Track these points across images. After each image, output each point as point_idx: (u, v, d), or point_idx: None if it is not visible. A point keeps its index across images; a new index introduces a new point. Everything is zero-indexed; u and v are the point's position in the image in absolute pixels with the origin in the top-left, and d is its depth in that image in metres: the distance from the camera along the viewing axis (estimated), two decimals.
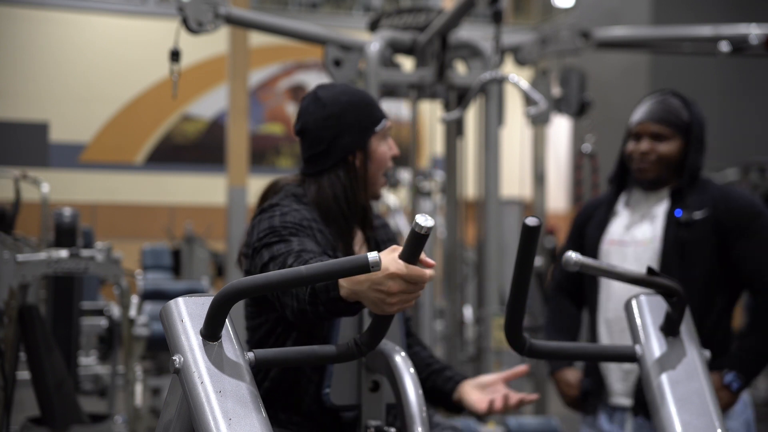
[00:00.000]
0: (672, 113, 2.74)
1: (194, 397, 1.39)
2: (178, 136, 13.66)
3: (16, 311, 3.28)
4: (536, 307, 6.11)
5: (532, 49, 5.12)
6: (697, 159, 2.75)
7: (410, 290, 1.52)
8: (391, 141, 2.15)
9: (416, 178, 5.17)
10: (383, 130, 2.11)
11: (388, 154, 2.12)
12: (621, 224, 2.82)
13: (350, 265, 1.40)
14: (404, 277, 1.50)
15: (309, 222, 1.98)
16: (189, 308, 1.46)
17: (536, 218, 1.42)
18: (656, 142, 2.73)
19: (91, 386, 6.29)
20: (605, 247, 2.82)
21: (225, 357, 1.43)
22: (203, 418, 1.36)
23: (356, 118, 2.08)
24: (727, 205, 2.68)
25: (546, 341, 1.63)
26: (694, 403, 1.53)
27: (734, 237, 2.66)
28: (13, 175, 6.64)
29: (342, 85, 2.15)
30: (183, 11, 4.06)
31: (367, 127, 2.08)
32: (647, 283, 1.60)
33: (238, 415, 1.37)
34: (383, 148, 2.11)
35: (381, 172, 2.12)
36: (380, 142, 2.11)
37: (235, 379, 1.41)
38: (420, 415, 1.64)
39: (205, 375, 1.40)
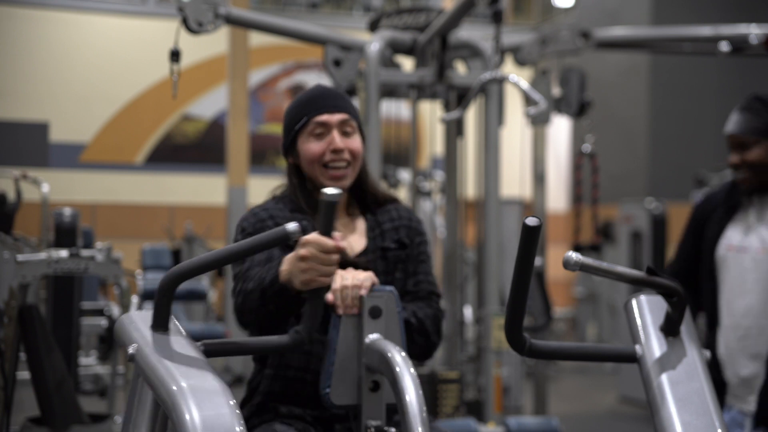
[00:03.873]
0: (752, 120, 2.73)
1: (151, 369, 1.44)
2: (178, 136, 13.66)
3: (16, 311, 3.28)
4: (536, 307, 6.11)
5: (532, 49, 5.12)
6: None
7: (321, 259, 1.73)
8: (331, 136, 2.13)
9: (416, 178, 5.16)
10: (311, 127, 2.13)
11: (316, 150, 2.13)
12: (739, 229, 2.79)
13: (274, 235, 1.53)
14: (313, 242, 1.73)
15: (264, 223, 2.11)
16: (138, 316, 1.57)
17: (536, 218, 1.42)
18: (743, 152, 2.73)
19: (91, 386, 6.29)
20: (722, 252, 2.79)
21: (175, 342, 1.51)
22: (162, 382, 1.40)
23: (287, 121, 2.19)
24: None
25: (546, 341, 1.63)
26: (694, 403, 1.53)
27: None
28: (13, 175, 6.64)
29: (307, 88, 2.25)
30: (183, 11, 4.06)
31: (291, 128, 2.17)
32: (647, 283, 1.59)
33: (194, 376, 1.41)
34: (308, 145, 2.13)
35: (315, 168, 2.14)
36: (307, 140, 2.14)
37: (186, 354, 1.48)
38: (420, 415, 1.64)
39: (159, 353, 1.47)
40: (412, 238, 2.22)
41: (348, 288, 1.89)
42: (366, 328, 1.87)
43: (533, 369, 6.25)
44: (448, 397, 4.04)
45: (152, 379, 1.42)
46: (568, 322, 11.76)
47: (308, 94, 2.19)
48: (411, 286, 2.17)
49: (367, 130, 4.34)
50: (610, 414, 7.10)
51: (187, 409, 1.33)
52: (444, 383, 4.05)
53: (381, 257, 2.15)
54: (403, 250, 2.18)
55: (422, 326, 2.10)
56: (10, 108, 12.77)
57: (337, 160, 2.12)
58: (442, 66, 4.39)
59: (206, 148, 13.53)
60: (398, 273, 2.16)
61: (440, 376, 4.06)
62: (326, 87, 2.22)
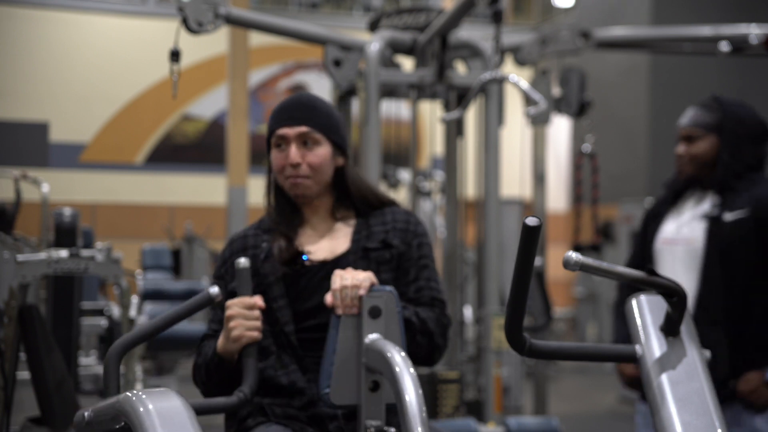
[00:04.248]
0: (702, 115, 2.81)
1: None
2: (178, 136, 13.66)
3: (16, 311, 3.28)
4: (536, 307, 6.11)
5: (532, 49, 5.12)
6: (734, 156, 2.76)
7: (245, 315, 1.98)
8: (289, 149, 2.15)
9: (416, 178, 5.16)
10: (274, 140, 2.18)
11: (277, 163, 2.18)
12: (674, 223, 2.88)
13: (199, 300, 1.80)
14: (236, 303, 1.99)
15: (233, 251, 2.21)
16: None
17: (536, 218, 1.42)
18: (690, 144, 2.82)
19: (91, 386, 6.29)
20: (659, 246, 2.89)
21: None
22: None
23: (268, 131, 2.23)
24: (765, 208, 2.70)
25: (546, 341, 1.63)
26: (694, 403, 1.53)
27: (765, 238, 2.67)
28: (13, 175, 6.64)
29: (292, 95, 2.27)
30: (183, 11, 4.06)
31: (267, 139, 2.23)
32: (647, 283, 1.59)
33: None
34: (274, 156, 2.19)
35: (280, 178, 2.19)
36: (273, 152, 2.19)
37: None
38: (420, 415, 1.64)
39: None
40: (409, 241, 2.18)
41: (347, 288, 1.90)
42: (365, 328, 1.87)
43: (533, 369, 6.25)
44: (448, 397, 4.04)
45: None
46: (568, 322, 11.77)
47: (279, 105, 2.23)
48: (412, 293, 2.14)
49: (367, 130, 4.34)
50: (610, 414, 7.10)
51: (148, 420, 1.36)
52: (444, 383, 4.05)
53: (362, 257, 2.12)
54: (387, 249, 2.15)
55: (425, 326, 2.08)
56: (10, 108, 12.78)
57: (294, 174, 2.16)
58: (442, 66, 4.39)
59: (206, 148, 13.54)
60: (384, 274, 2.11)
61: (440, 376, 4.05)
62: (298, 96, 2.24)
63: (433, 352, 2.13)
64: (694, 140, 2.81)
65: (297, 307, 2.10)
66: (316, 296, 2.08)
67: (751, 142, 2.78)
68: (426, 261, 2.19)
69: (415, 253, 2.18)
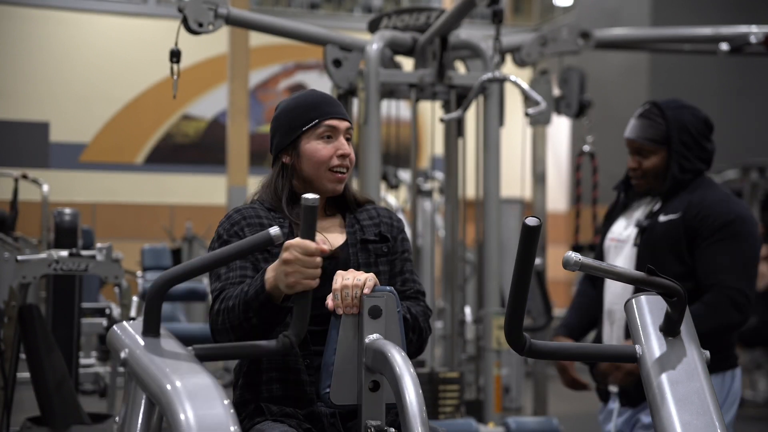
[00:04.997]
0: (650, 127, 2.84)
1: (144, 371, 1.45)
2: (178, 136, 13.66)
3: (16, 311, 3.29)
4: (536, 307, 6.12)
5: (532, 49, 5.11)
6: (682, 164, 2.81)
7: (305, 262, 1.77)
8: (339, 141, 2.18)
9: (416, 178, 5.16)
10: (321, 130, 2.17)
11: (324, 152, 2.16)
12: (623, 223, 2.96)
13: (257, 240, 1.58)
14: (296, 246, 1.77)
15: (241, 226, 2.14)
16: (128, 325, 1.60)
17: (536, 218, 1.42)
18: (641, 158, 2.85)
19: (91, 386, 6.29)
20: (608, 243, 2.98)
21: (166, 345, 1.53)
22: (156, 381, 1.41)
23: (287, 119, 2.20)
24: (699, 211, 2.75)
25: (546, 341, 1.63)
26: (694, 403, 1.53)
27: (699, 241, 2.74)
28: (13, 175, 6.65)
29: (300, 92, 2.27)
30: (183, 11, 4.06)
31: (295, 128, 2.18)
32: (647, 283, 1.60)
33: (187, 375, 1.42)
34: (316, 146, 2.17)
35: (320, 170, 2.17)
36: (314, 141, 2.17)
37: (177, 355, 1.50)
38: (420, 415, 1.64)
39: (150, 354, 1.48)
40: (395, 235, 2.25)
41: (348, 288, 1.90)
42: (366, 328, 1.87)
43: (533, 369, 6.25)
44: (448, 397, 4.05)
45: (145, 380, 1.43)
46: None
47: (312, 97, 2.22)
48: (399, 286, 2.19)
49: (367, 130, 4.34)
50: None
51: (181, 408, 1.33)
52: (444, 383, 4.05)
53: (362, 249, 2.18)
54: (384, 243, 2.21)
55: (416, 323, 2.12)
56: (10, 108, 12.77)
57: (342, 165, 2.18)
58: (442, 66, 4.39)
59: (206, 148, 13.53)
60: (381, 266, 2.18)
61: (440, 376, 4.06)
62: (326, 93, 2.27)
63: (422, 346, 2.17)
64: (645, 154, 2.84)
65: None
66: (321, 288, 2.09)
67: (698, 146, 2.83)
68: (408, 255, 2.27)
69: (399, 247, 2.25)
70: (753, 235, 2.76)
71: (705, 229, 2.73)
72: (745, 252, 2.73)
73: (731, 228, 2.72)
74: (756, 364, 7.36)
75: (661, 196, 2.85)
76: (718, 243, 2.70)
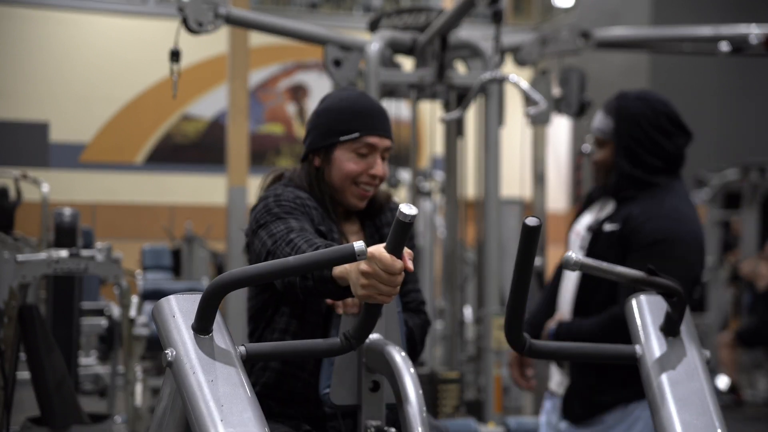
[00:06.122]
0: (603, 119, 2.70)
1: (187, 387, 1.40)
2: (178, 136, 13.66)
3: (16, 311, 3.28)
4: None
5: (532, 49, 5.11)
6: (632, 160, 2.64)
7: (384, 280, 1.56)
8: (374, 159, 2.09)
9: (416, 178, 5.16)
10: (358, 145, 2.08)
11: (355, 169, 2.09)
12: (588, 217, 2.85)
13: (337, 254, 1.44)
14: (378, 260, 1.54)
15: (303, 200, 2.04)
16: (180, 305, 1.48)
17: (536, 218, 1.42)
18: (598, 150, 2.73)
19: (91, 386, 6.29)
20: (572, 236, 2.88)
21: (216, 348, 1.45)
22: (196, 405, 1.37)
23: (327, 121, 2.10)
24: (635, 225, 2.58)
25: (546, 341, 1.63)
26: (694, 403, 1.53)
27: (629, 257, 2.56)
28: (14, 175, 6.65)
29: (350, 90, 2.17)
30: (183, 11, 4.06)
31: (333, 134, 2.09)
32: (647, 283, 1.59)
33: (230, 401, 1.38)
34: (348, 161, 2.09)
35: (345, 183, 2.10)
36: (348, 154, 2.09)
37: (226, 367, 1.43)
38: (420, 415, 1.64)
39: (197, 365, 1.41)
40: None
41: None
42: None
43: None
44: (448, 397, 4.04)
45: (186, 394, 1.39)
46: None
47: (361, 105, 2.11)
48: (401, 297, 2.14)
49: None
50: None
51: None
52: (444, 383, 4.05)
53: None
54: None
55: (411, 336, 2.12)
56: (10, 108, 12.77)
57: (370, 184, 2.12)
58: (442, 66, 4.39)
59: (206, 148, 13.53)
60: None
61: (440, 376, 4.05)
62: (375, 101, 2.16)
63: (415, 358, 2.14)
64: (602, 145, 2.71)
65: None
66: None
67: (650, 141, 2.62)
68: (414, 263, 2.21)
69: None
70: (679, 258, 2.54)
71: (634, 245, 2.56)
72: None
73: (657, 248, 2.53)
74: (756, 364, 7.36)
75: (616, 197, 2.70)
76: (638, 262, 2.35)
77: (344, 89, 2.19)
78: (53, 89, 13.01)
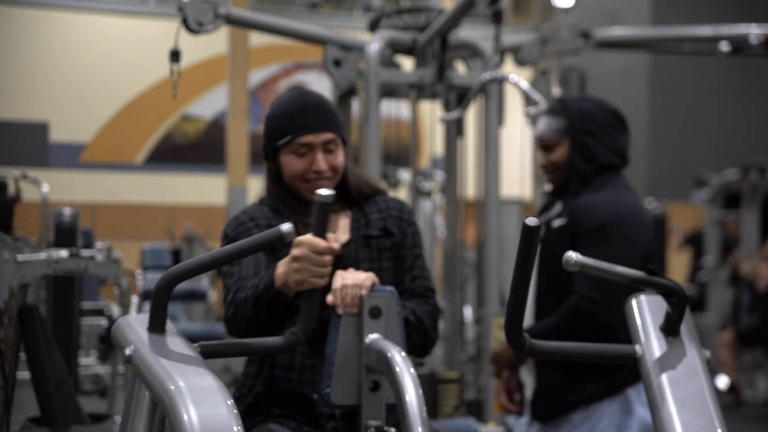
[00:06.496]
0: (553, 121, 2.75)
1: (148, 370, 1.42)
2: (178, 136, 13.66)
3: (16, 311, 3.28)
4: None
5: (532, 49, 5.12)
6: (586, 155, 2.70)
7: (314, 260, 1.74)
8: (314, 156, 2.11)
9: (416, 178, 5.16)
10: (294, 146, 2.11)
11: (298, 169, 2.11)
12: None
13: (268, 236, 1.53)
14: (306, 243, 1.75)
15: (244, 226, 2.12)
16: (134, 319, 1.57)
17: (536, 218, 1.42)
18: (549, 153, 2.77)
19: (91, 386, 6.29)
20: None
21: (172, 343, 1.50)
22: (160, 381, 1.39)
23: (268, 128, 2.16)
24: (580, 215, 2.63)
25: (546, 341, 1.63)
26: (694, 403, 1.53)
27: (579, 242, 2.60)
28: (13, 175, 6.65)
29: (289, 93, 2.19)
30: (183, 11, 4.06)
31: (273, 139, 2.14)
32: (647, 283, 1.59)
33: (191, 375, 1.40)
34: (291, 163, 2.12)
35: (295, 182, 2.13)
36: (289, 156, 2.12)
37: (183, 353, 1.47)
38: (420, 415, 1.64)
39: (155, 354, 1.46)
40: (404, 229, 2.20)
41: (348, 287, 1.90)
42: (366, 328, 1.87)
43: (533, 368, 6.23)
44: (448, 397, 4.04)
45: (149, 379, 1.42)
46: None
47: (293, 106, 2.14)
48: (408, 283, 2.16)
49: (367, 130, 4.34)
50: None
51: (184, 409, 1.33)
52: (444, 383, 4.05)
53: (363, 245, 2.14)
54: (388, 237, 2.17)
55: (420, 324, 2.10)
56: (10, 108, 12.78)
57: (318, 178, 2.13)
58: (442, 66, 4.39)
59: (206, 148, 13.54)
60: (385, 262, 2.14)
61: (440, 376, 4.05)
62: (310, 97, 2.16)
63: (427, 346, 2.15)
64: (551, 148, 2.75)
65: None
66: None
67: (604, 135, 2.71)
68: (419, 249, 2.22)
69: (410, 241, 2.20)
70: (625, 239, 2.60)
71: (580, 234, 2.61)
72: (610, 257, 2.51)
73: (601, 233, 2.58)
74: (756, 364, 7.36)
75: (562, 195, 2.74)
76: (587, 249, 2.48)
77: (286, 92, 2.22)
78: (53, 89, 13.01)
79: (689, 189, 9.19)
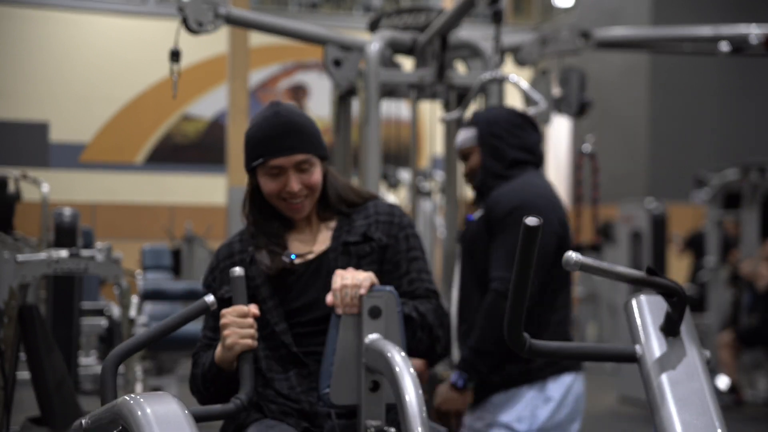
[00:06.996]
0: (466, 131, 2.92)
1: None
2: (178, 136, 13.67)
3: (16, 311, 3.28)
4: None
5: (532, 49, 5.12)
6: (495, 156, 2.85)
7: (238, 323, 1.96)
8: (287, 178, 2.10)
9: (416, 178, 5.16)
10: (266, 168, 2.11)
11: (272, 190, 2.12)
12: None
13: (196, 309, 1.78)
14: (230, 311, 1.97)
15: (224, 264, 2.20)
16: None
17: (536, 218, 1.42)
18: (466, 162, 2.94)
19: (91, 386, 6.29)
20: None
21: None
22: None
23: (245, 149, 2.17)
24: (494, 204, 2.79)
25: (546, 341, 1.62)
26: (694, 403, 1.53)
27: (493, 228, 2.77)
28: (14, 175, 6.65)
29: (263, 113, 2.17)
30: (183, 11, 4.06)
31: (249, 161, 2.16)
32: (647, 283, 1.59)
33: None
34: (266, 183, 2.13)
35: (273, 201, 2.15)
36: (264, 177, 2.13)
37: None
38: (420, 415, 1.64)
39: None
40: (395, 233, 2.18)
41: (347, 287, 1.89)
42: (365, 328, 1.87)
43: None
44: None
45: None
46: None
47: (264, 128, 2.12)
48: (406, 286, 2.14)
49: (367, 130, 4.34)
50: (610, 414, 7.10)
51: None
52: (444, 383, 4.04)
53: (342, 253, 2.12)
54: (367, 243, 2.14)
55: (424, 320, 2.08)
56: (10, 108, 12.78)
57: (294, 197, 2.12)
58: (442, 66, 4.39)
59: (206, 148, 13.54)
60: (366, 267, 2.09)
61: (440, 376, 4.05)
62: (283, 118, 2.13)
63: (434, 345, 2.13)
64: (467, 157, 2.92)
65: (287, 307, 2.10)
66: (306, 295, 2.10)
67: (511, 134, 2.86)
68: (415, 253, 2.20)
69: (403, 245, 2.18)
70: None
71: (493, 221, 2.76)
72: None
73: (510, 218, 2.71)
74: (756, 364, 7.36)
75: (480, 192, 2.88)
76: (497, 236, 2.73)
77: (263, 109, 2.20)
78: (53, 89, 13.01)
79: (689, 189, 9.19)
